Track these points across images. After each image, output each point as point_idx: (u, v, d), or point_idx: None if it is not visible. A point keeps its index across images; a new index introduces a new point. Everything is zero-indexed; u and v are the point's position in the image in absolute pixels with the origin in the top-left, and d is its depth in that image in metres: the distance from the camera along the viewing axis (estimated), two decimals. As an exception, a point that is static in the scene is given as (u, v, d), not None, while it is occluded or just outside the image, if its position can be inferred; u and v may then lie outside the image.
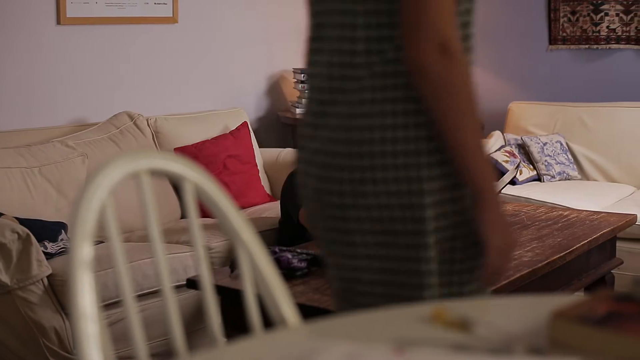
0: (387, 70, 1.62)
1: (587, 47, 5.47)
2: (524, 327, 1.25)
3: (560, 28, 5.54)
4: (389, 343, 1.18)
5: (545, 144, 5.20)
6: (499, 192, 1.65)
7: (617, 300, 1.25)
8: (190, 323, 3.60)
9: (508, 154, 5.09)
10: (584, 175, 5.23)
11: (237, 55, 5.18)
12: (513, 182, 4.93)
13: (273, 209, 4.29)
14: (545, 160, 5.13)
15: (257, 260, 1.49)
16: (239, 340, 1.24)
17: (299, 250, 3.11)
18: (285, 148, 5.07)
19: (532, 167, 5.17)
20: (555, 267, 3.21)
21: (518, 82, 5.71)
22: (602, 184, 5.11)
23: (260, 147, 4.95)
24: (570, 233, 3.54)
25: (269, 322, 1.47)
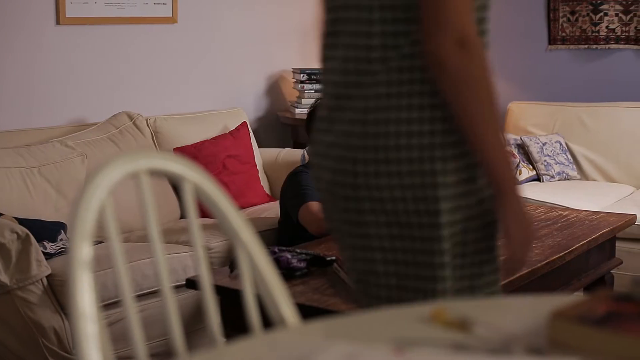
0: (402, 65, 1.63)
1: (586, 47, 5.47)
2: (524, 327, 1.25)
3: (560, 28, 5.54)
4: (389, 343, 1.18)
5: (545, 144, 5.20)
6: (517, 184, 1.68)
7: (616, 300, 1.25)
8: (190, 323, 3.60)
9: (507, 154, 5.08)
10: (583, 175, 5.23)
11: (236, 55, 5.17)
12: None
13: (272, 209, 4.29)
14: (545, 160, 5.13)
15: (256, 260, 1.49)
16: (239, 341, 1.24)
17: (299, 250, 3.10)
18: (285, 148, 5.07)
19: (531, 167, 5.17)
20: (555, 267, 3.21)
21: (517, 82, 5.71)
22: (601, 184, 5.11)
23: (260, 147, 4.95)
24: (570, 233, 3.54)
25: (269, 322, 1.47)
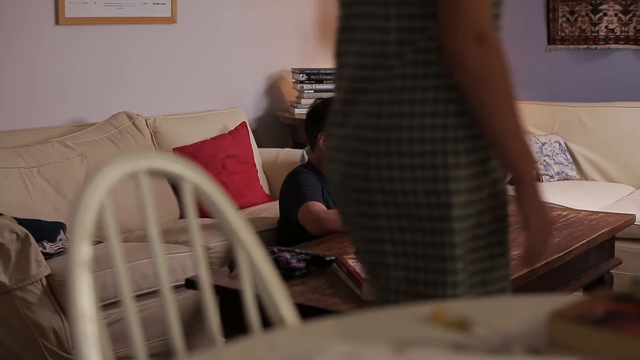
0: (418, 59, 1.64)
1: (585, 47, 5.47)
2: (523, 327, 1.25)
3: (559, 28, 5.54)
4: (388, 343, 1.18)
5: (544, 144, 5.20)
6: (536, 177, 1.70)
7: (615, 300, 1.25)
8: (189, 323, 3.60)
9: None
10: (583, 175, 5.23)
11: (235, 56, 5.17)
12: (511, 182, 4.93)
13: (272, 209, 4.29)
14: (544, 160, 5.13)
15: (255, 261, 1.49)
16: (238, 341, 1.24)
17: (298, 251, 3.10)
18: (284, 148, 5.07)
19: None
20: (554, 267, 3.21)
21: (517, 82, 5.70)
22: (600, 184, 5.11)
23: (259, 147, 4.95)
24: (569, 233, 3.54)
25: (268, 322, 1.47)
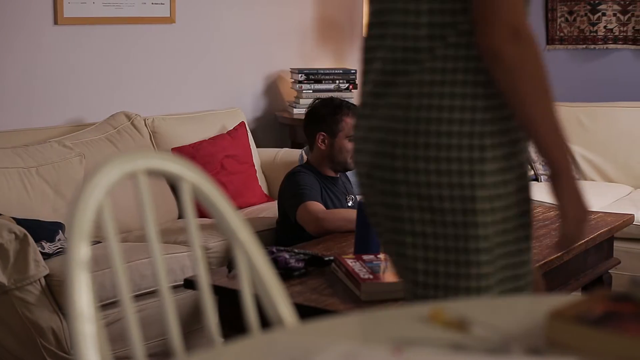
0: (448, 54, 1.67)
1: (584, 47, 5.47)
2: (522, 327, 1.25)
3: (558, 28, 5.54)
4: (387, 343, 1.18)
5: (543, 144, 5.20)
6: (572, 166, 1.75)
7: (614, 300, 1.25)
8: (188, 323, 3.60)
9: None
10: (581, 175, 5.23)
11: (234, 56, 5.17)
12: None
13: (270, 209, 4.28)
14: (543, 160, 5.13)
15: (254, 260, 1.49)
16: (237, 341, 1.24)
17: (297, 250, 3.10)
18: (283, 148, 5.07)
19: (529, 167, 5.17)
20: (553, 267, 3.21)
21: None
22: (599, 184, 5.11)
23: (258, 147, 4.94)
24: (568, 233, 3.53)
25: (266, 322, 1.47)
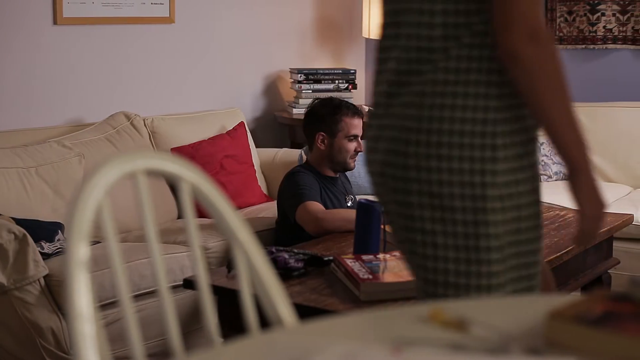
0: (461, 54, 1.69)
1: (583, 47, 5.47)
2: (521, 327, 1.25)
3: (557, 28, 5.54)
4: (387, 343, 1.18)
5: (542, 144, 5.20)
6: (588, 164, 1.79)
7: (613, 300, 1.25)
8: (187, 323, 3.60)
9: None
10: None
11: (234, 56, 5.17)
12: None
13: (270, 209, 4.28)
14: (542, 160, 5.13)
15: (253, 261, 1.49)
16: (236, 341, 1.24)
17: (296, 250, 3.10)
18: (282, 148, 5.07)
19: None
20: (552, 266, 3.21)
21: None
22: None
23: (257, 147, 4.94)
24: (567, 233, 3.54)
25: (266, 322, 1.47)
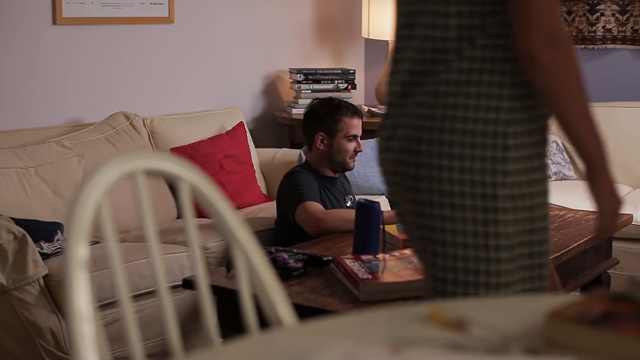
0: (475, 55, 1.72)
1: (583, 47, 5.47)
2: (520, 327, 1.25)
3: (556, 28, 5.54)
4: (386, 343, 1.18)
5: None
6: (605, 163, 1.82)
7: (613, 300, 1.25)
8: (186, 323, 3.60)
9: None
10: (580, 175, 5.23)
11: (233, 56, 5.17)
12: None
13: (269, 209, 4.29)
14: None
15: (253, 261, 1.49)
16: (235, 341, 1.24)
17: (295, 251, 3.10)
18: (282, 148, 5.07)
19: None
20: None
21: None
22: (598, 184, 5.10)
23: (257, 147, 4.94)
24: (566, 233, 3.54)
25: (265, 322, 1.47)
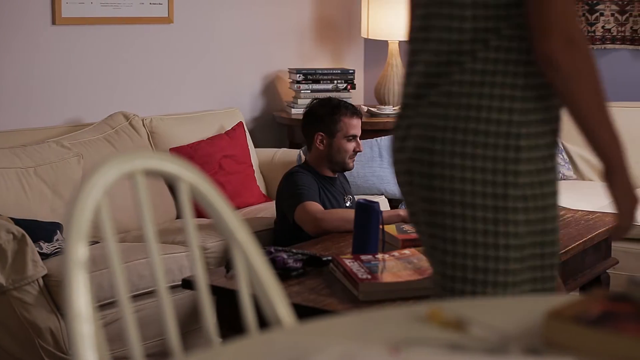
0: (488, 57, 1.74)
1: (582, 47, 5.47)
2: (520, 327, 1.25)
3: (556, 28, 5.54)
4: (385, 343, 1.18)
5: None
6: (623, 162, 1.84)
7: (612, 300, 1.25)
8: (186, 323, 3.60)
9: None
10: (579, 175, 5.23)
11: (232, 56, 5.17)
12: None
13: (268, 209, 4.28)
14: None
15: (252, 261, 1.49)
16: (234, 341, 1.24)
17: (295, 251, 3.10)
18: (281, 148, 5.06)
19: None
20: (551, 267, 3.21)
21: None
22: (597, 184, 5.10)
23: (256, 147, 4.94)
24: (566, 233, 3.54)
25: (264, 322, 1.47)
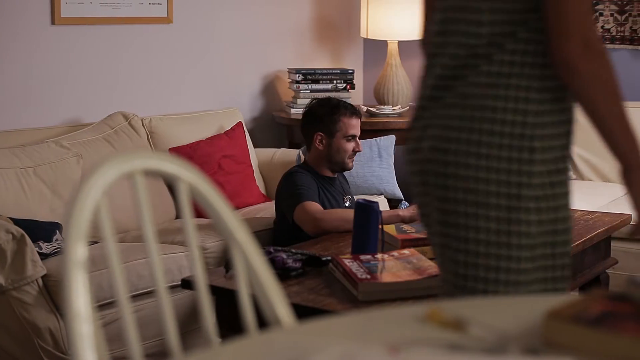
0: (504, 59, 1.77)
1: (581, 47, 5.47)
2: (519, 326, 1.25)
3: (555, 28, 5.54)
4: (384, 343, 1.18)
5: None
6: None
7: (611, 300, 1.25)
8: (185, 323, 3.60)
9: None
10: (579, 175, 5.23)
11: (232, 56, 5.17)
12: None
13: (268, 209, 4.28)
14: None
15: (251, 261, 1.49)
16: (234, 341, 1.24)
17: (294, 251, 3.10)
18: (280, 148, 5.07)
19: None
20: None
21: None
22: (596, 184, 5.10)
23: (255, 147, 4.94)
24: (565, 233, 3.54)
25: (264, 322, 1.47)
